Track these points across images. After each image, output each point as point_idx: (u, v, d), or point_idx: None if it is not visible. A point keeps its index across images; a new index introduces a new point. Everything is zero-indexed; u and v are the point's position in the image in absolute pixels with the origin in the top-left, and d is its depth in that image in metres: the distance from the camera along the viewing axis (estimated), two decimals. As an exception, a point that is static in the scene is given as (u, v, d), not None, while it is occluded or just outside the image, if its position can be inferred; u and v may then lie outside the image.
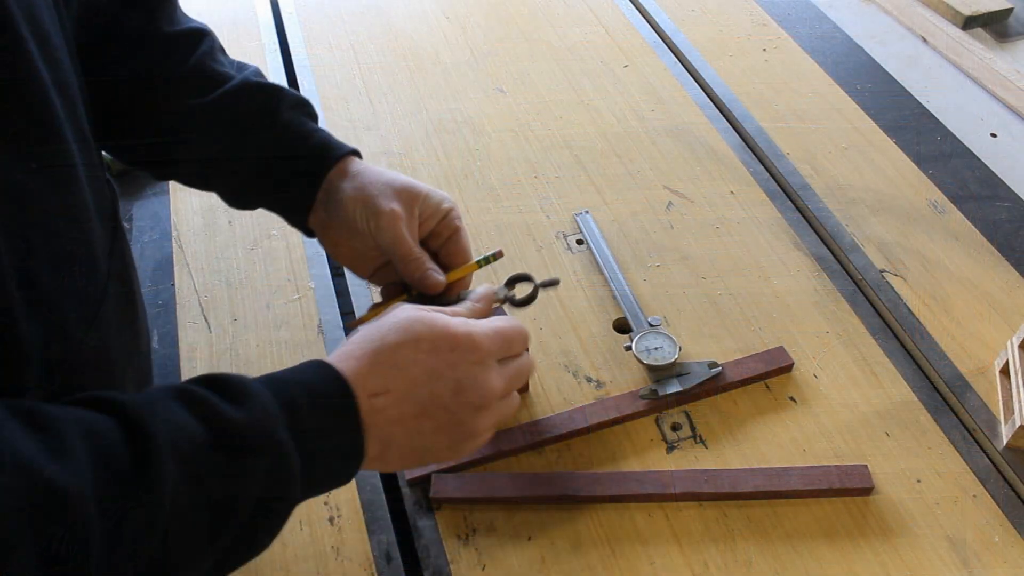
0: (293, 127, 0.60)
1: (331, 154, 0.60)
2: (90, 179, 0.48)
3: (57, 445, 0.36)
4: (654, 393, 0.69)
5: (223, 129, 0.60)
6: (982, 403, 0.70)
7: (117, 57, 0.58)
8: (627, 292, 0.77)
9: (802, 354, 0.73)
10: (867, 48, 1.09)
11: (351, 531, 0.63)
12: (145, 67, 0.59)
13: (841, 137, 0.95)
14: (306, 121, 0.62)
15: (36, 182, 0.42)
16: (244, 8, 1.16)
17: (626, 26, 1.12)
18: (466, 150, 0.94)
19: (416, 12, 1.15)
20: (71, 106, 0.46)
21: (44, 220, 0.43)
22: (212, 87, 0.59)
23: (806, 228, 0.85)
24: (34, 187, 0.42)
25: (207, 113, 0.59)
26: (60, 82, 0.45)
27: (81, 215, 0.47)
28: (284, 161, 0.61)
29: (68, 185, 0.45)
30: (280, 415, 0.43)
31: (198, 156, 0.61)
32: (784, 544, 0.61)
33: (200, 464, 0.40)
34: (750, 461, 0.66)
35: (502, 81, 1.03)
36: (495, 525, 0.63)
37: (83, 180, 0.46)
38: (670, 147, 0.94)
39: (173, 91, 0.59)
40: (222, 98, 0.59)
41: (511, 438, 0.66)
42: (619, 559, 0.61)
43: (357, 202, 0.59)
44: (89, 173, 0.48)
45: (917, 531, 0.62)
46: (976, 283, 0.79)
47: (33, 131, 0.42)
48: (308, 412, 0.44)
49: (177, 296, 0.80)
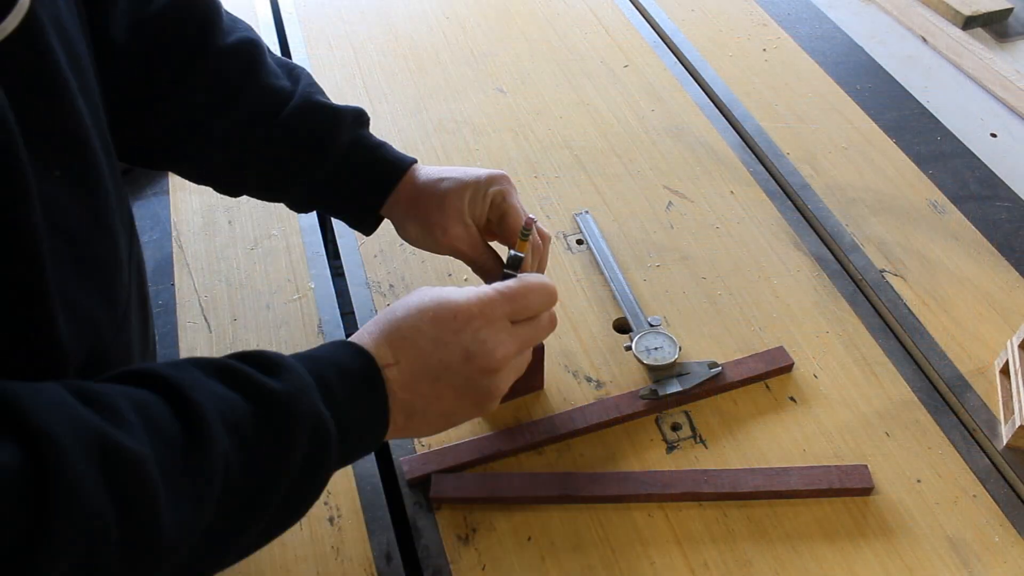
0: (354, 147, 0.65)
1: (391, 176, 0.65)
2: (115, 187, 0.48)
3: (115, 416, 0.38)
4: (654, 393, 0.69)
5: (288, 153, 0.63)
6: (982, 403, 0.70)
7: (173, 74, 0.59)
8: (627, 292, 0.77)
9: (802, 354, 0.73)
10: (867, 48, 1.09)
11: (351, 531, 0.63)
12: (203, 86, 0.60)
13: (841, 137, 0.95)
14: (365, 137, 0.66)
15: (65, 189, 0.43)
16: (244, 8, 1.16)
17: (626, 26, 1.12)
18: (466, 150, 0.94)
19: (416, 12, 1.15)
20: (95, 113, 0.47)
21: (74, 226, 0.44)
22: (275, 109, 0.62)
23: (806, 228, 0.85)
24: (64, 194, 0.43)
25: (272, 138, 0.62)
26: (85, 89, 0.45)
27: (107, 221, 0.47)
28: (348, 180, 0.65)
29: (95, 192, 0.46)
30: (314, 387, 0.45)
31: (265, 177, 0.65)
32: (784, 544, 0.61)
33: (246, 433, 0.42)
34: (750, 461, 0.66)
35: (502, 81, 1.03)
36: (495, 525, 0.63)
37: (109, 187, 0.47)
38: (670, 147, 0.94)
39: (236, 114, 0.61)
40: (286, 122, 0.62)
41: (511, 438, 0.66)
42: (619, 559, 0.61)
43: (414, 223, 0.65)
44: (114, 182, 0.48)
45: (917, 531, 0.62)
46: (976, 283, 0.79)
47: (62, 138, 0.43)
48: (338, 384, 0.47)
49: (177, 296, 0.80)
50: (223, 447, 0.40)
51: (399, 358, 0.50)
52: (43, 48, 0.41)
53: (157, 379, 0.42)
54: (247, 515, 0.43)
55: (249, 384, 0.43)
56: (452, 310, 0.51)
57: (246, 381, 0.43)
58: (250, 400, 0.43)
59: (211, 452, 0.40)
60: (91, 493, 0.34)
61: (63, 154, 0.43)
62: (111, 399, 0.39)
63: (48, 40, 0.41)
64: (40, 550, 0.33)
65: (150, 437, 0.38)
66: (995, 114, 1.01)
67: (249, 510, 0.43)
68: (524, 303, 0.54)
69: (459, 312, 0.51)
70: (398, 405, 0.50)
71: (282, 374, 0.45)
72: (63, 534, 0.33)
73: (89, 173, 0.45)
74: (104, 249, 0.47)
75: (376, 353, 0.50)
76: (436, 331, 0.51)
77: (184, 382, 0.41)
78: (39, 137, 0.40)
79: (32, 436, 0.34)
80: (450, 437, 0.67)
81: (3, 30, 0.38)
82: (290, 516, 0.47)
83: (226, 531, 0.42)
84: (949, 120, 0.98)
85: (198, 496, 0.39)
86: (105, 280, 0.48)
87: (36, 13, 0.40)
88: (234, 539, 0.43)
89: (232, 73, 0.61)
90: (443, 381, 0.51)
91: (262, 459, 0.42)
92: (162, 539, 0.37)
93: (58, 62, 0.42)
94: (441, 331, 0.51)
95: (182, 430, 0.40)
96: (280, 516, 0.46)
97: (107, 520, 0.35)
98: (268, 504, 0.43)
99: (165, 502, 0.37)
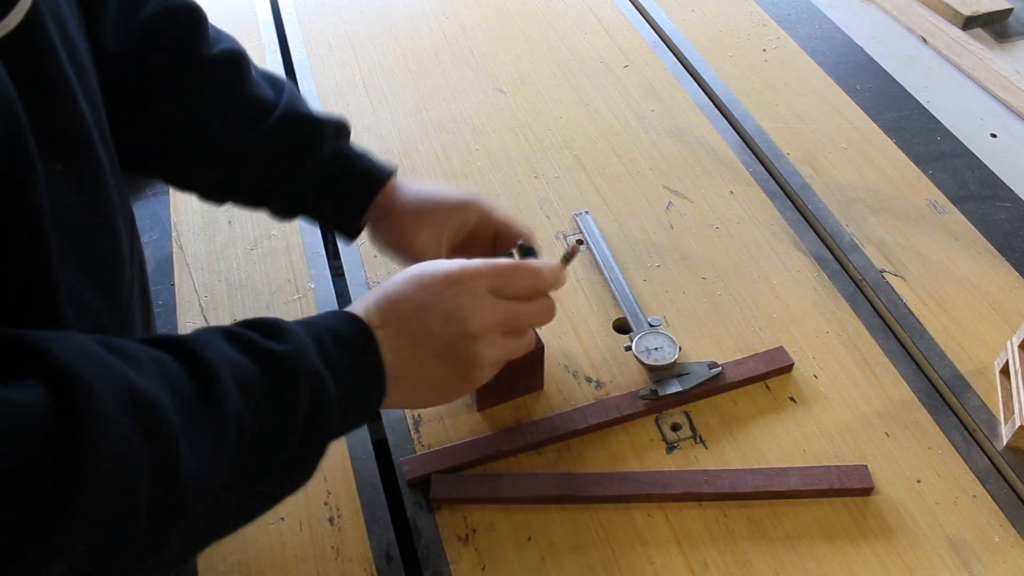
0: (336, 157, 0.66)
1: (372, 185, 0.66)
2: (116, 185, 0.49)
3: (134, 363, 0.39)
4: (654, 393, 0.69)
5: (271, 161, 0.64)
6: (982, 403, 0.70)
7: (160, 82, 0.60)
8: (627, 292, 0.77)
9: (802, 354, 0.73)
10: (867, 48, 1.09)
11: (351, 531, 0.63)
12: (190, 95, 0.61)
13: (841, 137, 0.95)
14: (346, 148, 0.67)
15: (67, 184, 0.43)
16: (244, 8, 1.16)
17: (626, 26, 1.12)
18: (466, 150, 0.94)
19: (416, 12, 1.15)
20: (96, 111, 0.47)
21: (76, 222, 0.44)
22: (259, 118, 0.63)
23: (806, 228, 0.85)
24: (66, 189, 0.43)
25: (256, 147, 0.63)
26: (86, 87, 0.45)
27: (109, 218, 0.48)
28: (329, 190, 0.66)
29: (97, 188, 0.46)
30: (314, 348, 0.47)
31: (247, 186, 0.65)
32: (784, 544, 0.61)
33: (254, 392, 0.43)
34: (750, 461, 0.66)
35: (502, 81, 1.03)
36: (495, 525, 0.63)
37: (111, 183, 0.47)
38: (670, 147, 0.94)
39: (221, 123, 0.62)
40: (270, 131, 0.63)
41: (511, 438, 0.67)
42: (619, 559, 0.61)
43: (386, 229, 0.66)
44: (115, 179, 0.49)
45: (917, 531, 0.62)
46: (976, 283, 0.79)
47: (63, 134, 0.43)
48: (334, 347, 0.48)
49: (177, 296, 0.80)
50: (235, 403, 0.41)
51: (384, 321, 0.52)
52: (45, 45, 0.41)
53: (170, 341, 0.43)
54: (259, 472, 0.44)
55: (255, 347, 0.45)
56: (435, 276, 0.53)
57: (252, 344, 0.45)
58: (257, 362, 0.44)
59: (225, 406, 0.41)
60: (121, 434, 0.35)
61: (65, 149, 0.43)
62: (129, 349, 0.40)
63: (50, 37, 0.41)
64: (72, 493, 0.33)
65: (167, 387, 0.39)
66: (995, 114, 1.01)
67: (260, 467, 0.44)
68: (510, 280, 0.55)
69: (441, 277, 0.53)
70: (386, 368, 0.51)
71: (283, 337, 0.46)
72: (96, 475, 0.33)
73: (91, 169, 0.45)
74: (106, 246, 0.48)
75: (364, 317, 0.52)
76: (420, 295, 0.52)
77: (196, 343, 0.43)
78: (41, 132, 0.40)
79: (61, 377, 0.34)
80: (450, 437, 0.67)
81: (6, 26, 0.38)
82: (291, 484, 0.47)
83: (241, 487, 0.43)
84: (949, 120, 0.98)
85: (215, 447, 0.40)
86: (108, 276, 0.48)
87: (39, 10, 0.40)
88: (248, 496, 0.44)
89: (217, 82, 0.62)
90: (424, 345, 0.52)
91: (270, 417, 0.44)
92: (185, 487, 0.38)
93: (60, 59, 0.42)
94: (424, 295, 0.52)
95: (196, 385, 0.41)
96: (282, 483, 0.47)
97: (135, 467, 0.36)
98: (277, 462, 0.44)
99: (186, 448, 0.38)
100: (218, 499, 0.41)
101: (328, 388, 0.46)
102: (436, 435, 0.68)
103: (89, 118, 0.45)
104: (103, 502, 0.34)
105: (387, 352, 0.51)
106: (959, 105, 1.02)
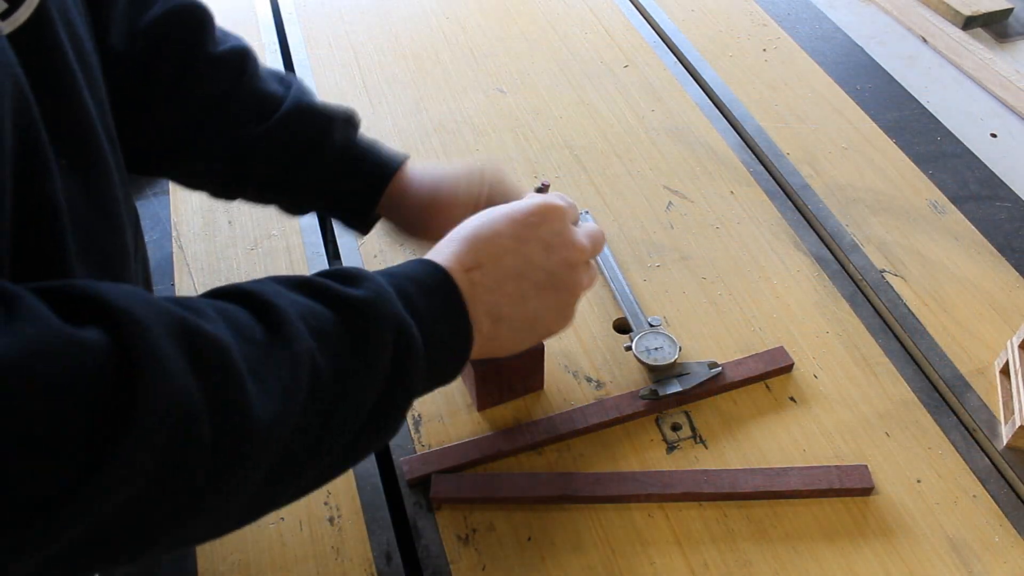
0: (347, 148, 0.65)
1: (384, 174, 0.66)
2: (121, 182, 0.49)
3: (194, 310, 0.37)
4: (654, 393, 0.69)
5: (280, 155, 0.63)
6: (982, 403, 0.70)
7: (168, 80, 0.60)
8: (627, 292, 0.77)
9: (802, 354, 0.73)
10: (867, 48, 1.09)
11: (351, 531, 0.63)
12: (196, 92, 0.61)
13: (841, 137, 0.95)
14: (356, 140, 0.66)
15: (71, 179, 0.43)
16: (244, 8, 1.16)
17: (626, 26, 1.12)
18: (466, 150, 0.94)
19: (416, 12, 1.15)
20: (101, 108, 0.47)
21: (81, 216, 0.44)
22: (266, 113, 0.63)
23: (806, 228, 0.85)
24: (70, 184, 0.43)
25: (264, 141, 0.63)
26: (92, 84, 0.45)
27: (114, 214, 0.47)
28: (342, 181, 0.65)
29: (101, 183, 0.46)
30: (394, 295, 0.45)
31: (259, 181, 0.65)
32: (784, 544, 0.61)
33: (330, 338, 0.42)
34: (750, 461, 0.66)
35: (502, 81, 1.03)
36: (495, 525, 0.63)
37: (115, 180, 0.47)
38: (670, 147, 0.94)
39: (228, 119, 0.62)
40: (278, 125, 0.62)
41: (511, 438, 0.67)
42: (619, 559, 0.61)
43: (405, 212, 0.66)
44: (120, 176, 0.49)
45: (917, 531, 0.62)
46: (976, 283, 0.79)
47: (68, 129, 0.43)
48: (417, 294, 0.47)
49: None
50: (308, 345, 0.40)
51: (481, 260, 0.51)
52: (52, 40, 0.41)
53: (232, 291, 0.42)
54: (337, 420, 0.42)
55: (330, 293, 0.43)
56: (524, 209, 0.53)
57: (326, 290, 0.43)
58: (332, 308, 0.43)
59: (296, 348, 0.39)
60: (178, 371, 0.34)
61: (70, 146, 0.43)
62: (188, 300, 0.39)
63: (57, 33, 0.42)
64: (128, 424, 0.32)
65: (228, 329, 0.38)
66: (995, 114, 1.01)
67: (339, 415, 0.42)
68: (575, 210, 0.57)
69: (531, 209, 0.53)
70: (484, 309, 0.50)
71: (362, 284, 0.45)
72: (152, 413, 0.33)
73: (95, 164, 0.45)
74: (111, 241, 0.47)
75: (459, 260, 0.50)
76: (514, 229, 0.52)
77: (264, 290, 0.41)
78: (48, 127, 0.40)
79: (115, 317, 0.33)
80: (450, 437, 0.67)
81: (15, 20, 0.38)
82: (377, 437, 0.46)
83: (317, 435, 0.41)
84: (949, 120, 0.98)
85: (285, 389, 0.39)
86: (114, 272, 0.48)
87: (46, 6, 0.40)
88: (323, 447, 0.42)
89: (223, 78, 0.62)
90: (527, 278, 0.52)
91: (348, 362, 0.42)
92: (253, 428, 0.37)
93: (66, 55, 0.42)
94: (519, 228, 0.52)
95: (265, 329, 0.40)
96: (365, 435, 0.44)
97: (196, 401, 0.34)
98: (357, 412, 0.43)
99: (252, 390, 0.37)
100: (290, 446, 0.39)
101: (412, 333, 0.45)
102: (436, 435, 0.68)
103: (95, 115, 0.45)
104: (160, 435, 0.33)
105: (486, 292, 0.50)
106: (959, 105, 1.02)
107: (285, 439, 0.39)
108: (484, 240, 0.52)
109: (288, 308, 0.41)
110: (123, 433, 0.32)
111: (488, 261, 0.51)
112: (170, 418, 0.33)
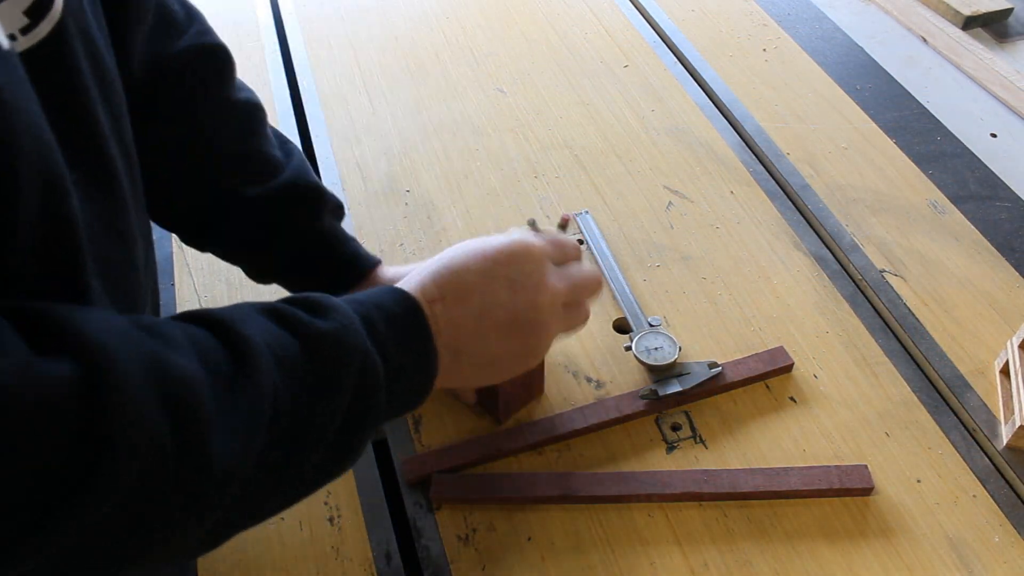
0: (330, 235, 0.66)
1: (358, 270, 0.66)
2: (134, 196, 0.49)
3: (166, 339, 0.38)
4: (654, 393, 0.69)
5: (267, 221, 0.64)
6: (982, 403, 0.70)
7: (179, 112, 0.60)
8: (627, 292, 0.77)
9: (802, 354, 0.73)
10: (867, 48, 1.09)
11: (351, 531, 0.63)
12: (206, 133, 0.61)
13: (841, 137, 0.95)
14: (340, 229, 0.67)
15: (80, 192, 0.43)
16: (244, 8, 1.16)
17: (626, 26, 1.12)
18: (466, 150, 0.94)
19: (416, 12, 1.15)
20: (117, 122, 0.47)
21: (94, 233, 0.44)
22: (266, 176, 0.63)
23: (806, 228, 0.85)
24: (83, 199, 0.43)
25: (256, 203, 0.63)
26: (108, 99, 0.45)
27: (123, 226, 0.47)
28: (315, 263, 0.66)
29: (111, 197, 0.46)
30: (360, 324, 0.45)
31: (234, 240, 0.65)
32: (784, 544, 0.61)
33: (294, 368, 0.42)
34: (750, 461, 0.66)
35: (502, 81, 1.03)
36: (495, 525, 0.63)
37: (126, 193, 0.47)
38: (670, 147, 0.94)
39: (227, 170, 0.62)
40: (274, 192, 0.63)
41: (511, 438, 0.66)
42: (619, 559, 0.61)
43: None
44: (133, 190, 0.49)
45: (917, 531, 0.62)
46: (976, 283, 0.79)
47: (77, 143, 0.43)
48: (383, 324, 0.47)
49: (177, 297, 0.80)
50: (272, 377, 0.41)
51: (445, 293, 0.51)
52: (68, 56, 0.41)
53: (204, 317, 0.42)
54: (296, 453, 0.42)
55: (297, 323, 0.44)
56: (498, 246, 0.53)
57: (294, 320, 0.44)
58: (298, 337, 0.43)
59: (260, 380, 0.40)
60: (148, 410, 0.34)
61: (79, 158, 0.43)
62: (161, 326, 0.39)
63: (74, 48, 0.42)
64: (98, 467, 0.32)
65: (199, 362, 0.38)
66: (995, 114, 1.01)
67: (298, 448, 0.42)
68: (562, 249, 0.56)
69: (504, 248, 0.53)
70: (443, 341, 0.50)
71: (328, 314, 0.45)
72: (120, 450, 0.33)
73: (104, 178, 0.45)
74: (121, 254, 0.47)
75: (423, 290, 0.50)
76: (482, 265, 0.52)
77: (233, 317, 0.42)
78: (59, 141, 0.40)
79: (87, 350, 0.34)
80: (450, 437, 0.67)
81: (36, 35, 0.39)
82: (339, 462, 0.46)
83: (276, 468, 0.41)
84: (949, 120, 0.98)
85: (247, 425, 0.39)
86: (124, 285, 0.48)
87: (66, 22, 0.41)
88: (284, 479, 0.43)
89: (235, 127, 0.62)
90: (488, 316, 0.51)
91: (311, 393, 0.42)
92: (213, 465, 0.37)
93: (80, 70, 0.42)
94: (488, 264, 0.52)
95: (231, 359, 0.40)
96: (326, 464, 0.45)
97: (163, 439, 0.35)
98: (317, 444, 0.43)
99: (215, 427, 0.37)
100: (251, 480, 0.40)
101: (376, 367, 0.45)
102: (436, 435, 0.68)
103: (107, 128, 0.45)
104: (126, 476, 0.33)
105: (447, 326, 0.50)
106: (959, 105, 1.02)
107: (245, 473, 0.39)
108: (452, 273, 0.51)
109: (256, 337, 0.41)
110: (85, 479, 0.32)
111: (451, 295, 0.51)
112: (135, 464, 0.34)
